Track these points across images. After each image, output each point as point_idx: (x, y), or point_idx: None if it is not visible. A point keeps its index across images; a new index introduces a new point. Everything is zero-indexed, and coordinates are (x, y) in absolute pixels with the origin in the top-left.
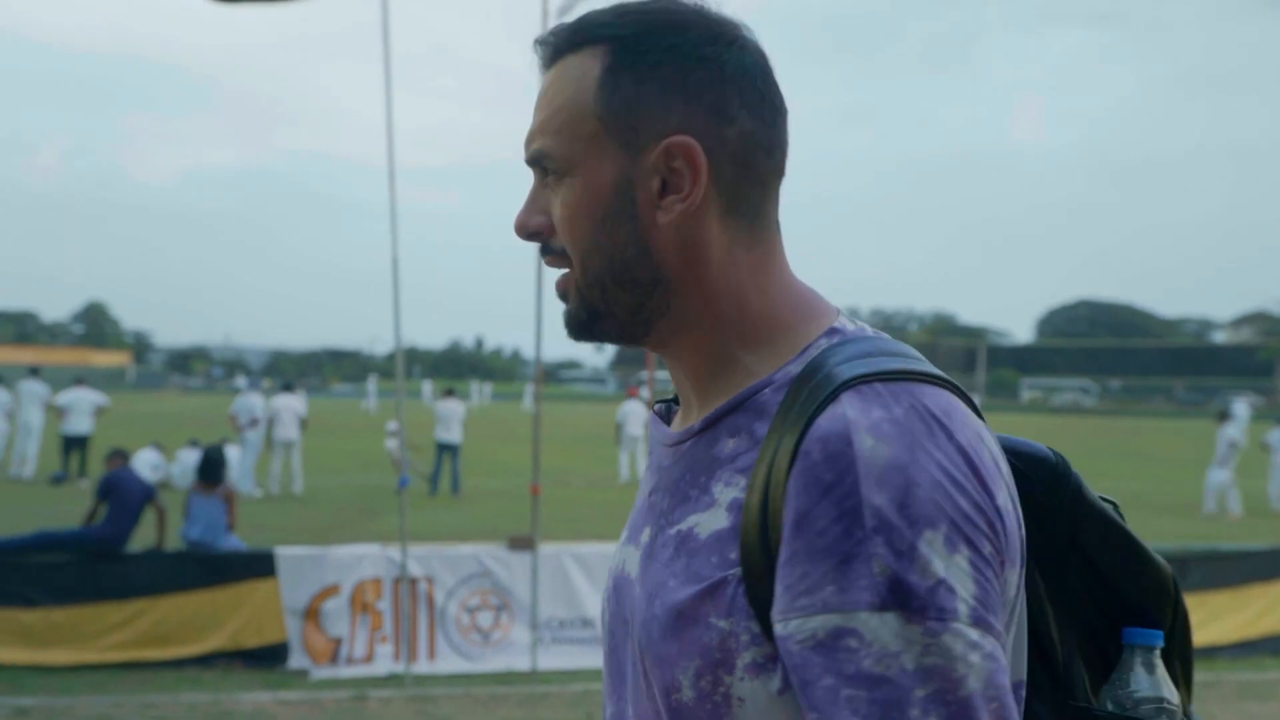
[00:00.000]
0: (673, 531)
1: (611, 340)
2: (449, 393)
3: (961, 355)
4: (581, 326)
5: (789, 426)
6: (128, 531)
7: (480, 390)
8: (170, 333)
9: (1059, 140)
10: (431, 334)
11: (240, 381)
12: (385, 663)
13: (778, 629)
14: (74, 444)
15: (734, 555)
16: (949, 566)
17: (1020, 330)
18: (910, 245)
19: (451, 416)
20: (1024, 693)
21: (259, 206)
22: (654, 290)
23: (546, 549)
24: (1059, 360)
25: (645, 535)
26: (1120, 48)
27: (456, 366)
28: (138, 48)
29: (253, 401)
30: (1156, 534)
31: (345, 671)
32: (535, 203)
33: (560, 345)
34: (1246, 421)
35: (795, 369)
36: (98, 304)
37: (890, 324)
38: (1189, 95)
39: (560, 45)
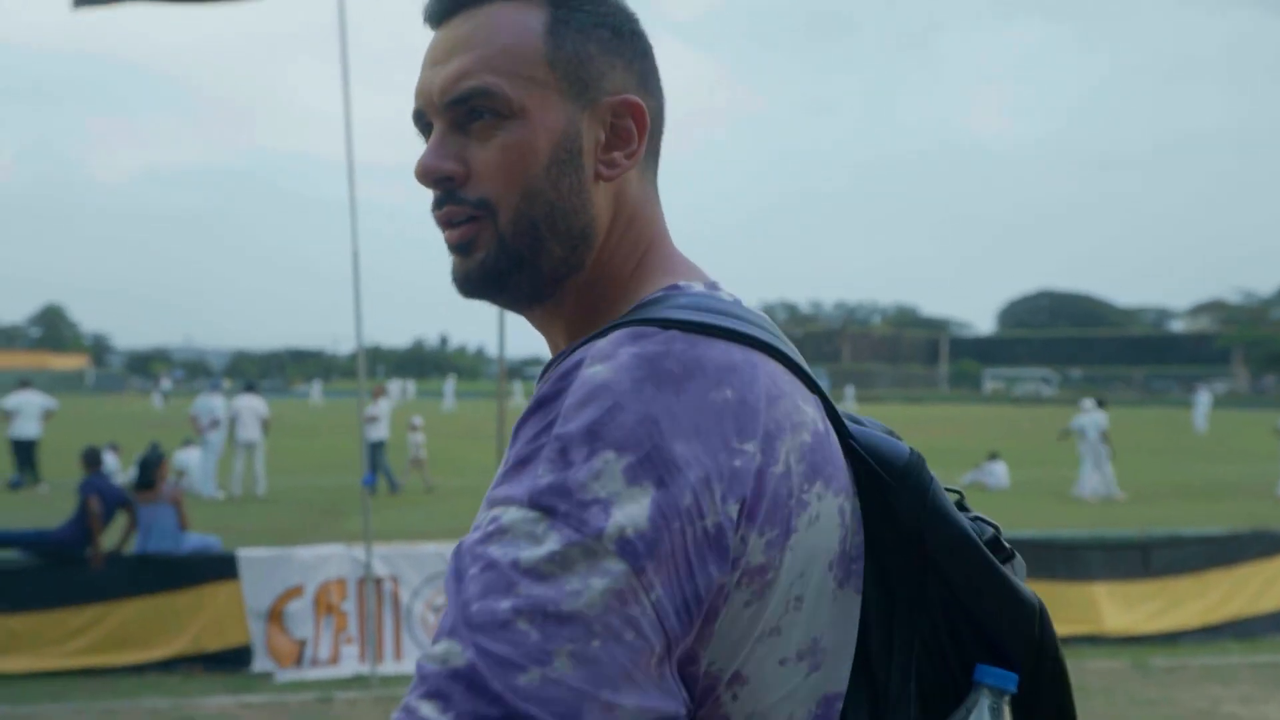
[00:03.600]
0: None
1: (517, 296)
2: (379, 391)
3: (924, 346)
4: (496, 277)
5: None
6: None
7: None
8: (130, 335)
9: (1019, 135)
10: (397, 332)
11: (164, 384)
12: (351, 664)
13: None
14: (22, 448)
15: None
16: (620, 494)
17: (982, 321)
18: (873, 239)
19: (379, 415)
20: (839, 705)
21: (222, 205)
22: (580, 245)
23: None
24: (1021, 350)
25: None
26: (1078, 44)
27: (421, 365)
28: (99, 46)
29: (214, 402)
30: (1114, 520)
31: (310, 673)
32: (446, 147)
33: (524, 343)
34: (1208, 409)
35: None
36: (55, 306)
37: (853, 317)
38: (1146, 89)
39: None
